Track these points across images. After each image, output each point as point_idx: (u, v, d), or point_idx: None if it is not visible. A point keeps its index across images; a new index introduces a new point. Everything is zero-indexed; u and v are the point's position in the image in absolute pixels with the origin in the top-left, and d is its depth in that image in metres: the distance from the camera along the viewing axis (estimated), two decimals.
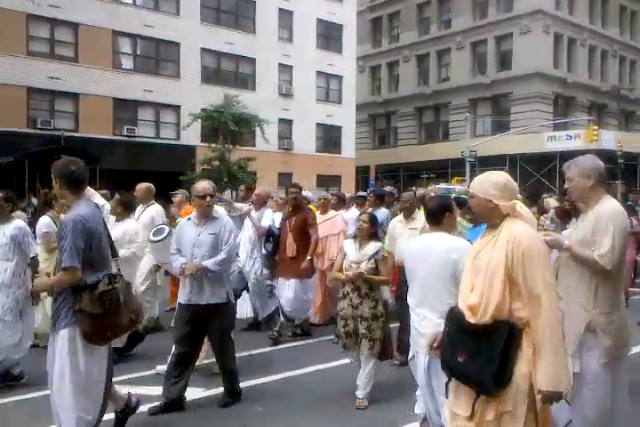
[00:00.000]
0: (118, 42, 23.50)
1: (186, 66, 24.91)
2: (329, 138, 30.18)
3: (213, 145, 21.08)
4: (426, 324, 3.27)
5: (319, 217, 7.00)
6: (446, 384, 2.67)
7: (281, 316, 6.37)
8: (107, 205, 5.48)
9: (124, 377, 4.80)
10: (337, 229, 7.16)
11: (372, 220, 4.62)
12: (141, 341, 5.62)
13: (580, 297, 3.16)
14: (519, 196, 2.81)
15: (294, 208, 6.48)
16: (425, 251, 3.39)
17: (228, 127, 20.48)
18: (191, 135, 23.19)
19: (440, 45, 34.82)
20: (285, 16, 27.82)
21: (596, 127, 26.18)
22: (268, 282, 6.71)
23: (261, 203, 6.95)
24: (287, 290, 6.27)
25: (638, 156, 29.44)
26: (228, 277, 4.53)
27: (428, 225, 3.84)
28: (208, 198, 4.35)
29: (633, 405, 3.25)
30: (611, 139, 26.90)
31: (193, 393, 4.52)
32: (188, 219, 4.55)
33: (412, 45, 36.22)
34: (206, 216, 4.41)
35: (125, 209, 5.58)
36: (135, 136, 23.37)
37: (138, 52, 24.26)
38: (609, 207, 3.25)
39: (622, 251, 3.18)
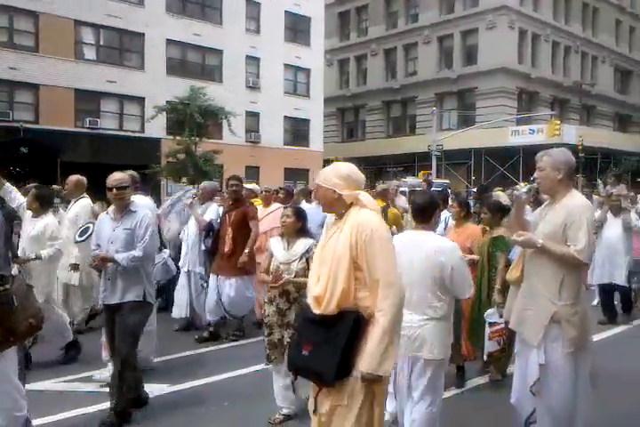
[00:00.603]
0: (81, 32, 22.95)
1: (150, 57, 24.49)
2: (297, 131, 30.13)
3: (179, 138, 20.80)
4: (405, 324, 3.11)
5: (262, 211, 6.69)
6: None
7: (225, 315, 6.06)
8: (25, 203, 5.20)
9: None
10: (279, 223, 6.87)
11: (298, 214, 4.11)
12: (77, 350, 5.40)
13: (548, 290, 3.20)
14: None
15: (234, 201, 6.15)
16: (410, 250, 3.22)
17: (194, 120, 20.25)
18: (156, 128, 22.85)
19: (407, 39, 35.04)
20: (253, 8, 27.57)
21: (559, 122, 26.78)
22: (201, 281, 6.29)
23: (207, 197, 6.57)
24: (228, 288, 5.93)
25: (598, 150, 30.24)
26: (148, 275, 4.12)
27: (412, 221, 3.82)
28: (115, 191, 3.95)
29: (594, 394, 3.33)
30: (572, 133, 27.57)
31: (158, 389, 4.50)
32: (108, 213, 4.22)
33: (379, 39, 36.35)
34: (121, 210, 4.05)
35: (42, 204, 5.21)
36: (98, 128, 22.90)
37: (101, 43, 23.74)
38: (579, 202, 3.31)
39: (594, 245, 3.36)
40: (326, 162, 31.36)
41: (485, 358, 4.55)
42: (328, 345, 2.40)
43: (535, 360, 3.22)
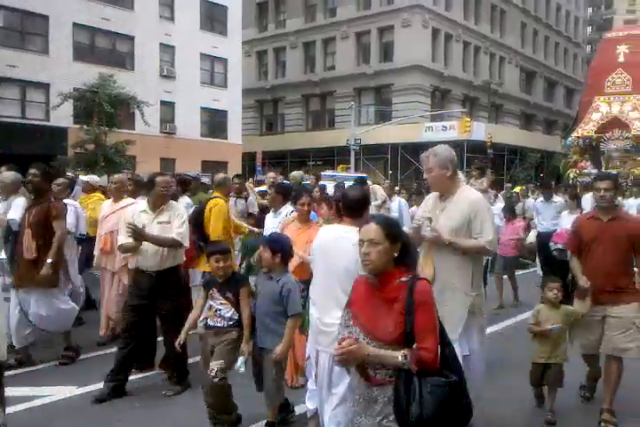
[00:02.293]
0: None
1: (56, 41, 23.03)
2: (214, 123, 29.50)
3: (87, 127, 19.75)
4: (329, 321, 3.11)
5: (111, 206, 5.79)
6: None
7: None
8: None
9: None
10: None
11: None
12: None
13: (462, 283, 3.35)
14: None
15: (36, 196, 5.04)
16: (335, 245, 3.17)
17: (104, 108, 19.28)
18: (62, 116, 21.48)
19: (326, 34, 35.20)
20: None
21: (469, 119, 27.86)
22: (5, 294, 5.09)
23: (11, 190, 5.44)
24: (34, 304, 4.87)
25: (505, 146, 31.85)
26: None
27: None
28: None
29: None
30: (482, 130, 28.80)
31: (67, 391, 4.41)
32: None
33: (298, 32, 36.27)
34: None
35: None
36: None
37: (1, 24, 22.03)
38: (475, 195, 3.52)
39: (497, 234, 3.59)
40: (245, 155, 31.09)
41: None
42: None
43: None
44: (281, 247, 3.58)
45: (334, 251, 3.14)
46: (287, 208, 5.32)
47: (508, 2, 38.50)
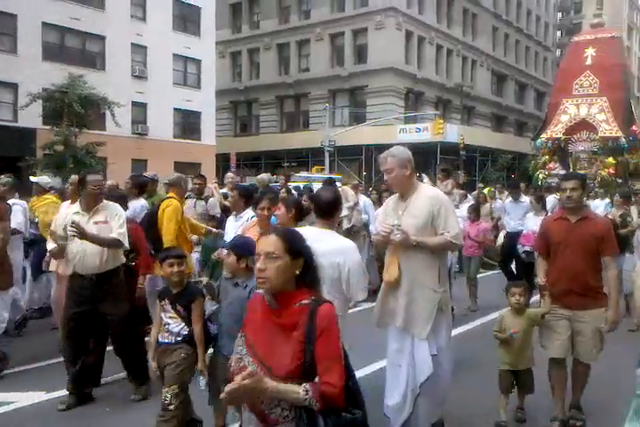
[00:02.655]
0: None
1: (25, 41, 22.54)
2: (187, 124, 29.25)
3: (56, 128, 19.38)
4: None
5: (68, 208, 5.54)
6: None
7: None
8: None
9: None
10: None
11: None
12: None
13: (430, 280, 3.37)
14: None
15: None
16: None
17: (74, 109, 18.95)
18: (31, 117, 21.03)
19: (300, 35, 35.21)
20: None
21: (442, 121, 28.21)
22: None
23: None
24: None
25: (477, 148, 32.28)
26: None
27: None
28: None
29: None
30: (454, 132, 29.16)
31: (34, 397, 4.34)
32: None
33: (272, 34, 36.20)
34: None
35: None
36: None
37: None
38: (434, 191, 3.59)
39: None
40: (219, 156, 30.88)
41: None
42: None
43: (424, 355, 3.32)
44: (247, 252, 3.29)
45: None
46: (249, 213, 5.08)
47: (480, 6, 39.04)
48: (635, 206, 7.46)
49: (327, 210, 3.20)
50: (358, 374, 4.65)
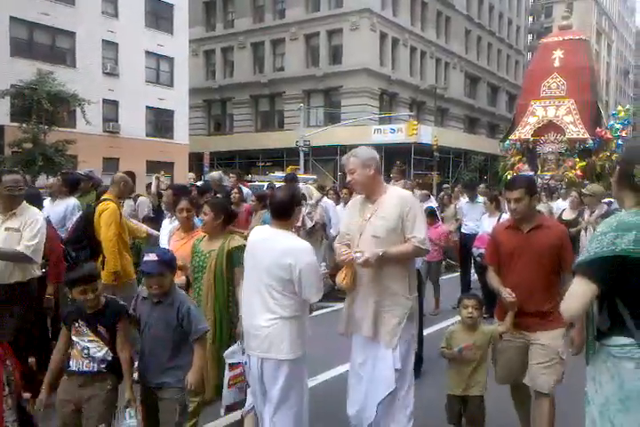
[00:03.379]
0: None
1: None
2: (160, 122, 28.88)
3: (25, 125, 18.96)
4: (258, 323, 3.05)
5: None
6: None
7: None
8: None
9: None
10: None
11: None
12: None
13: (401, 287, 3.27)
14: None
15: None
16: (262, 247, 3.08)
17: (43, 106, 18.57)
18: None
19: (275, 35, 35.08)
20: None
21: (416, 122, 28.38)
22: None
23: None
24: None
25: (450, 149, 32.61)
26: None
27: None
28: None
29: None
30: (428, 133, 29.38)
31: None
32: None
33: (246, 32, 35.99)
34: None
35: None
36: None
37: None
38: (404, 193, 3.46)
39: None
40: (193, 155, 30.58)
41: (223, 412, 3.47)
42: None
43: (386, 371, 3.21)
44: (172, 268, 3.01)
45: (260, 252, 3.06)
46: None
47: (453, 9, 39.45)
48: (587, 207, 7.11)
49: (282, 211, 3.10)
50: (322, 377, 4.67)
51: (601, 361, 2.18)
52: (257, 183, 16.01)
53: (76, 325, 2.94)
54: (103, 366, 2.90)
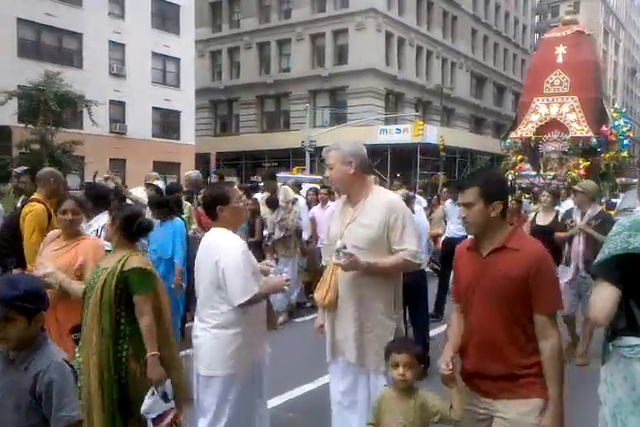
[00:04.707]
0: None
1: None
2: (167, 123, 28.95)
3: (32, 126, 19.03)
4: (201, 325, 2.88)
5: None
6: None
7: None
8: None
9: None
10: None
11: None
12: None
13: (386, 305, 2.88)
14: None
15: None
16: (202, 249, 2.93)
17: (50, 107, 18.64)
18: (6, 115, 20.60)
19: (281, 35, 35.08)
20: None
21: (422, 122, 28.28)
22: None
23: None
24: None
25: (457, 149, 32.50)
26: None
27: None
28: None
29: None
30: (434, 133, 29.28)
31: None
32: None
33: (252, 33, 36.02)
34: None
35: None
36: None
37: None
38: (389, 198, 2.96)
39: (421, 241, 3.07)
40: (199, 156, 30.61)
41: None
42: None
43: (367, 396, 2.87)
44: (16, 307, 1.85)
45: (199, 256, 2.94)
46: (101, 219, 4.00)
47: (460, 8, 39.33)
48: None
49: (208, 210, 2.97)
50: (309, 387, 4.52)
51: (613, 363, 2.16)
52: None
53: None
54: None
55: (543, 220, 6.20)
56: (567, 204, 11.69)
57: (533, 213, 6.54)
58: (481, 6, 42.11)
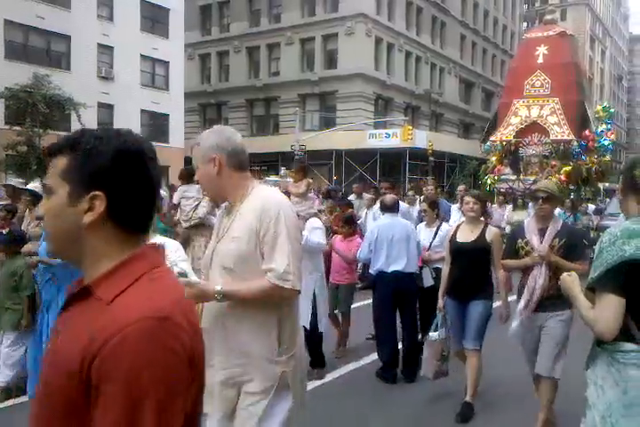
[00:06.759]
0: None
1: None
2: (155, 126, 28.82)
3: (19, 128, 18.88)
4: None
5: None
6: None
7: None
8: None
9: None
10: None
11: None
12: None
13: (264, 346, 2.12)
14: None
15: None
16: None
17: (38, 109, 18.51)
18: None
19: (270, 39, 35.11)
20: None
21: (411, 127, 28.44)
22: None
23: None
24: None
25: (445, 154, 32.67)
26: None
27: None
28: None
29: None
30: (423, 138, 29.42)
31: None
32: None
33: (242, 36, 36.02)
34: None
35: None
36: None
37: None
38: (268, 198, 2.21)
39: (301, 261, 2.22)
40: (188, 159, 30.44)
41: None
42: None
43: None
44: None
45: None
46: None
47: (448, 14, 39.63)
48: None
49: None
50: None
51: (603, 367, 2.17)
52: None
53: None
54: None
55: (465, 235, 4.33)
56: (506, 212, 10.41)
57: (455, 226, 4.65)
58: (470, 12, 42.47)
